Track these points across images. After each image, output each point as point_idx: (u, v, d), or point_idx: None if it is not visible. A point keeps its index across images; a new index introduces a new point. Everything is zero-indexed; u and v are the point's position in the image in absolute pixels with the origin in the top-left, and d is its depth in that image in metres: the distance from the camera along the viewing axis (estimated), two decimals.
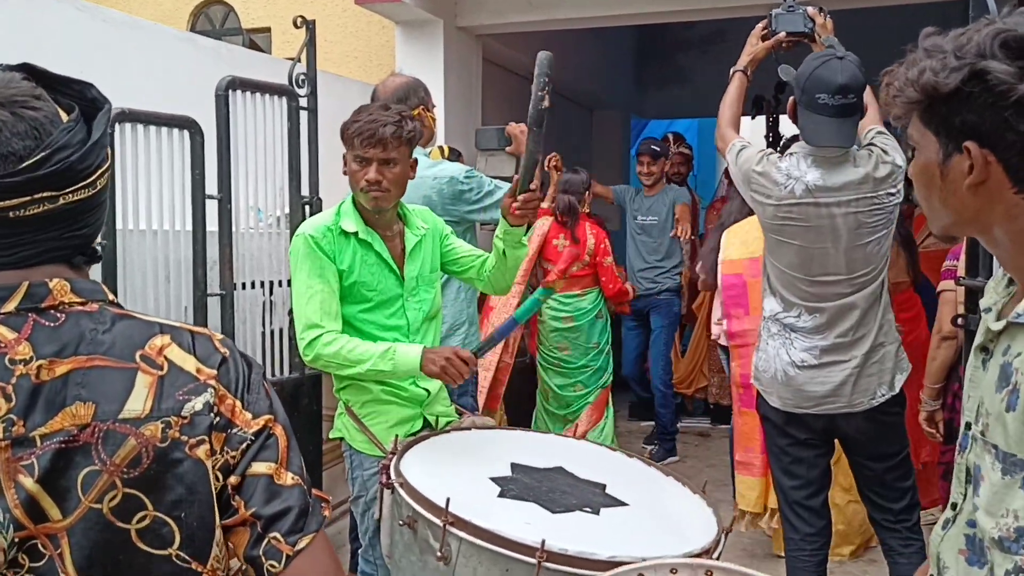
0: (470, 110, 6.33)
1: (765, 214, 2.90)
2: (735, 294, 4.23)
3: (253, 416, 1.19)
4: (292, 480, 1.20)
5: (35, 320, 1.11)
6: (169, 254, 3.54)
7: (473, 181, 3.17)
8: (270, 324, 3.94)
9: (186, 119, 3.50)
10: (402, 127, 2.56)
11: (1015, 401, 1.12)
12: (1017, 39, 1.13)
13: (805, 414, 2.90)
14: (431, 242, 2.77)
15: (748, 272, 4.17)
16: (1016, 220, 1.18)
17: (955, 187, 1.20)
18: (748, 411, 4.14)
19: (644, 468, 2.43)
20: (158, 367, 1.15)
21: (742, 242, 4.23)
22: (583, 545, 1.83)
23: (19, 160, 1.08)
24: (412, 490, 2.03)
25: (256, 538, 1.17)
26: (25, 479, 1.06)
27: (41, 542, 1.07)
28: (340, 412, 2.71)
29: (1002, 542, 1.13)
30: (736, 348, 4.24)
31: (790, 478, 2.98)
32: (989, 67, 1.13)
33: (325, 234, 2.58)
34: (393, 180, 2.57)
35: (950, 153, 1.20)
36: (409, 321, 2.68)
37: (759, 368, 2.99)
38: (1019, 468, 1.11)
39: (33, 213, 1.10)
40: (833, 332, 2.84)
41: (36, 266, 1.13)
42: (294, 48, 4.12)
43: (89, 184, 1.14)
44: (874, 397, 2.86)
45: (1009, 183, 1.17)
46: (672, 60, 10.93)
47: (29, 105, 1.11)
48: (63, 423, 1.08)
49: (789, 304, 2.90)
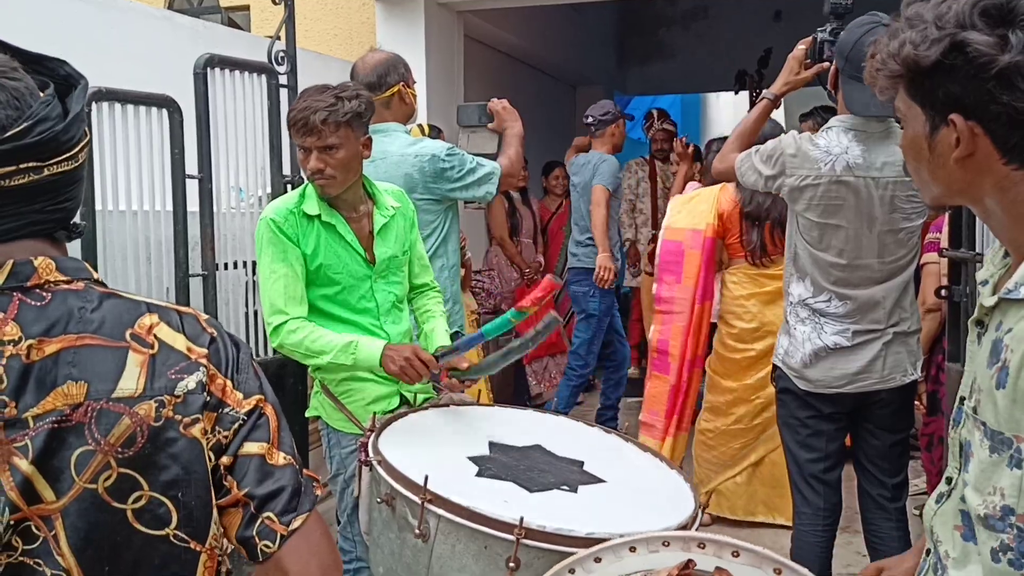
0: (451, 87, 6.30)
1: (803, 197, 2.78)
2: (671, 260, 4.28)
3: (244, 396, 1.19)
4: (284, 460, 1.20)
5: (20, 299, 1.10)
6: (150, 234, 3.51)
7: (455, 159, 3.15)
8: (253, 304, 3.92)
9: (164, 98, 3.46)
10: (336, 110, 2.47)
11: (1004, 378, 1.11)
12: (996, 6, 1.11)
13: (836, 394, 2.85)
14: (402, 222, 2.74)
15: (688, 243, 4.22)
16: (1007, 191, 1.16)
17: (943, 160, 1.18)
18: (658, 375, 4.32)
19: (622, 444, 2.44)
20: (148, 346, 1.14)
21: (690, 212, 4.26)
22: (561, 522, 1.84)
23: (2, 130, 1.07)
24: (390, 468, 2.03)
25: (249, 518, 1.17)
26: (20, 461, 1.05)
27: (35, 524, 1.07)
28: (316, 391, 2.71)
29: (987, 519, 1.13)
30: (660, 314, 4.31)
31: (808, 451, 2.93)
32: (969, 38, 1.11)
33: (287, 217, 2.55)
34: (337, 165, 2.51)
35: (936, 126, 1.18)
36: (378, 303, 2.66)
37: (787, 352, 2.91)
38: (1006, 446, 1.11)
39: (18, 183, 1.08)
40: (865, 318, 2.80)
41: (18, 240, 1.12)
42: (273, 26, 4.08)
43: (72, 156, 1.13)
44: (905, 374, 2.83)
45: (998, 154, 1.15)
46: (655, 36, 10.92)
47: (8, 75, 1.10)
48: (55, 403, 1.07)
49: (820, 288, 2.82)
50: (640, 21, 10.83)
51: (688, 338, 4.22)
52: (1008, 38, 1.10)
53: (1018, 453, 1.09)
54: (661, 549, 1.66)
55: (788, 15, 9.45)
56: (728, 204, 4.15)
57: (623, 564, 1.65)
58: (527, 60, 8.65)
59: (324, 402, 2.67)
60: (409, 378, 2.48)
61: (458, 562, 1.89)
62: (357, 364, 2.52)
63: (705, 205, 4.23)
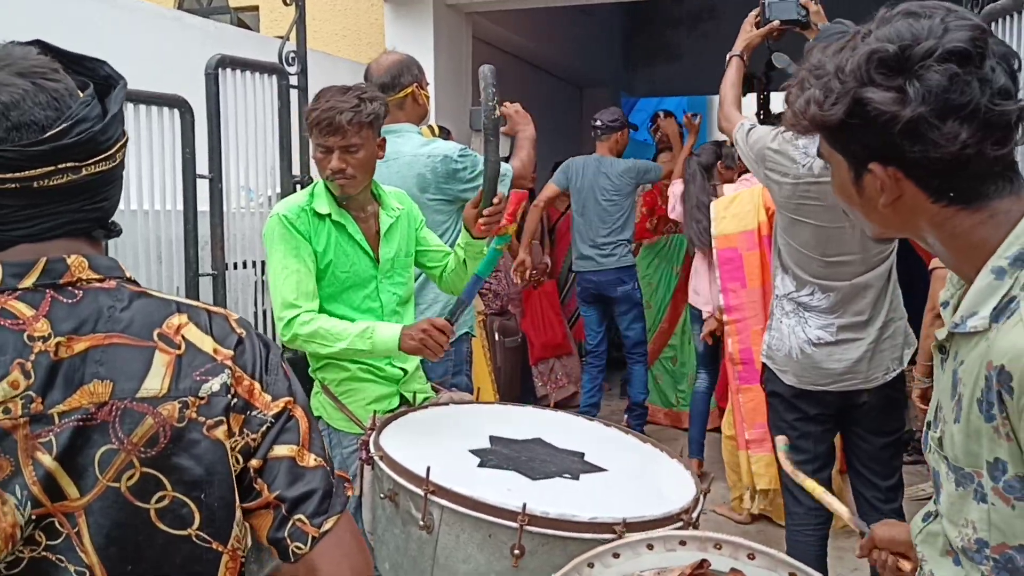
0: (460, 89, 6.31)
1: (781, 192, 2.86)
2: (731, 267, 4.22)
3: (272, 398, 1.19)
4: (315, 462, 1.19)
5: (53, 296, 1.10)
6: (160, 234, 3.52)
7: (467, 160, 3.15)
8: (262, 304, 3.93)
9: (176, 98, 3.48)
10: (360, 111, 2.49)
11: (959, 413, 1.10)
12: (893, 57, 1.08)
13: (822, 391, 2.90)
14: (406, 224, 2.74)
15: (743, 245, 4.17)
16: (942, 227, 1.14)
17: (873, 204, 1.17)
18: (748, 387, 4.12)
19: (622, 436, 2.46)
20: (176, 346, 1.14)
21: (735, 215, 4.23)
22: (564, 508, 1.85)
23: (41, 130, 1.08)
24: (392, 462, 2.04)
25: (280, 520, 1.17)
26: (43, 456, 1.05)
27: (58, 520, 1.07)
28: (316, 391, 2.71)
29: (966, 552, 1.12)
30: (734, 323, 4.22)
31: (797, 452, 2.92)
32: (867, 97, 1.08)
33: (299, 215, 2.55)
34: (358, 165, 2.52)
35: (860, 173, 1.16)
36: (383, 303, 2.66)
37: (772, 347, 2.97)
38: (969, 480, 1.10)
39: (57, 183, 1.09)
40: (848, 311, 2.84)
41: (54, 239, 1.13)
42: (282, 27, 4.09)
43: (109, 156, 1.14)
44: (888, 372, 2.87)
45: (925, 195, 1.13)
46: (661, 37, 10.92)
47: (48, 77, 1.11)
48: (81, 401, 1.08)
49: (802, 283, 2.88)
50: (647, 23, 10.83)
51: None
52: (906, 90, 1.07)
53: (980, 488, 1.08)
54: (678, 548, 1.67)
55: None
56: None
57: (640, 561, 1.66)
58: (534, 62, 8.66)
59: (325, 402, 2.68)
60: (431, 350, 2.45)
61: (463, 552, 1.90)
62: (375, 349, 2.49)
63: (750, 205, 4.20)
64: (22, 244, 1.12)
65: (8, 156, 1.06)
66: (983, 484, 1.08)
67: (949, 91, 1.05)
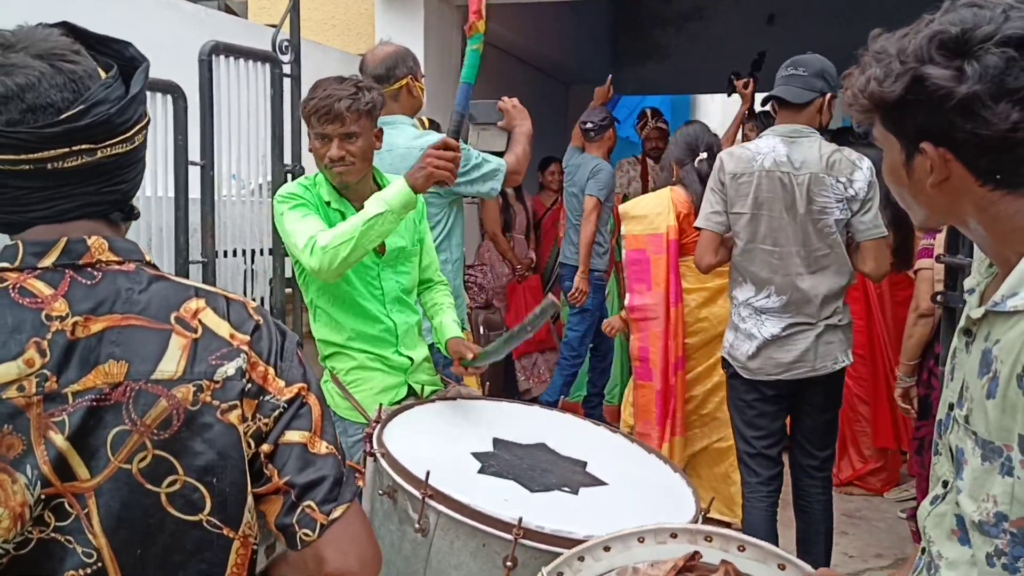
0: (450, 82, 6.30)
1: (739, 196, 3.25)
2: (638, 268, 4.31)
3: (286, 384, 1.19)
4: (326, 449, 1.19)
5: (72, 277, 1.11)
6: (151, 220, 3.51)
7: (461, 153, 3.16)
8: (252, 292, 3.93)
9: (170, 84, 3.46)
10: (358, 99, 2.50)
11: (995, 388, 1.13)
12: (953, 39, 1.14)
13: (776, 380, 3.27)
14: (412, 214, 2.73)
15: (651, 248, 4.25)
16: (986, 211, 1.20)
17: (921, 185, 1.22)
18: (644, 383, 4.31)
19: (627, 445, 2.46)
20: (192, 330, 1.14)
21: (643, 217, 4.30)
22: (560, 523, 1.86)
23: (57, 112, 1.08)
24: (393, 461, 2.04)
25: (289, 506, 1.16)
26: (56, 436, 1.06)
27: (68, 501, 1.07)
28: (325, 379, 2.72)
29: (982, 525, 1.16)
30: (637, 322, 4.31)
31: (754, 429, 3.38)
32: (927, 73, 1.14)
33: (306, 191, 2.59)
34: (357, 153, 2.53)
35: (911, 154, 1.21)
36: (384, 291, 2.67)
37: (733, 346, 3.35)
38: (997, 455, 1.14)
39: (72, 166, 1.10)
40: (800, 312, 3.23)
41: (73, 220, 1.13)
42: (271, 15, 4.09)
43: (127, 139, 1.14)
44: (836, 362, 3.26)
45: (972, 177, 1.18)
46: (649, 36, 10.95)
47: (67, 59, 1.11)
48: (96, 381, 1.08)
49: (760, 285, 3.25)
50: (635, 21, 10.86)
51: (668, 342, 4.22)
52: (964, 69, 1.12)
53: (1008, 461, 1.12)
54: (669, 541, 1.68)
55: (781, 18, 9.52)
56: (683, 206, 4.20)
57: (631, 554, 1.68)
58: (522, 56, 8.67)
59: (332, 391, 2.68)
60: (442, 171, 2.48)
61: (456, 558, 1.92)
62: (391, 205, 2.44)
63: (659, 208, 4.27)
64: (40, 225, 1.12)
65: (22, 137, 1.07)
66: (1012, 458, 1.12)
67: (1005, 73, 1.11)
